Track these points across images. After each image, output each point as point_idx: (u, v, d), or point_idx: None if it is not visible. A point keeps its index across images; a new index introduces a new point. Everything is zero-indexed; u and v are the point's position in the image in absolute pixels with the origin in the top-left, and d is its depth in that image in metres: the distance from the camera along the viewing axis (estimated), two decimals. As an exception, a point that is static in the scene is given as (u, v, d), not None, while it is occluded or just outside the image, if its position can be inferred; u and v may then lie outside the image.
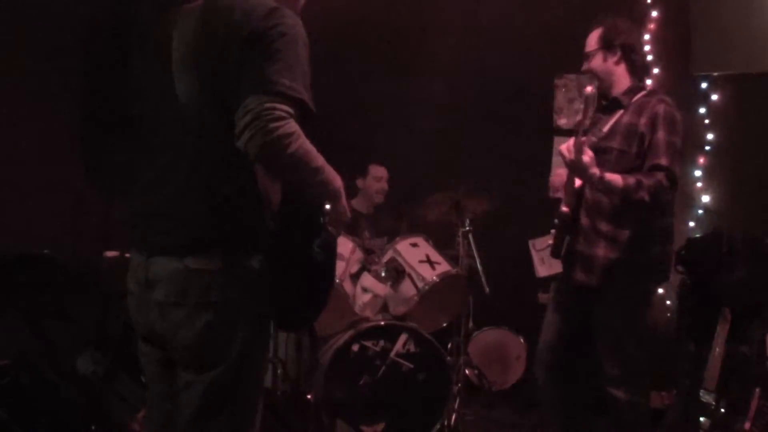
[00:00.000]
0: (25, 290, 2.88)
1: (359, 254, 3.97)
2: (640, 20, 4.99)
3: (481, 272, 4.08)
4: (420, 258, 3.96)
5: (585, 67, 3.07)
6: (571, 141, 2.72)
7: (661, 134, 2.82)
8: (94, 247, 3.49)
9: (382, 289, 3.89)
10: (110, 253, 3.31)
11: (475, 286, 4.13)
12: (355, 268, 3.90)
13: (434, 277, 3.87)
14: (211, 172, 1.83)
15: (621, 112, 2.94)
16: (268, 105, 1.69)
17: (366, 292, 3.89)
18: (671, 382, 3.55)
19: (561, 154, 2.77)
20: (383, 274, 3.89)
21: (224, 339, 1.84)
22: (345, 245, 3.92)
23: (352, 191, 4.72)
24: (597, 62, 3.02)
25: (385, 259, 3.97)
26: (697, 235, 4.56)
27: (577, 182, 2.93)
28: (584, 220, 2.95)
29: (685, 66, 4.80)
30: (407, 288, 3.91)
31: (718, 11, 4.70)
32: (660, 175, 2.76)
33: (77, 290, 3.02)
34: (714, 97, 4.79)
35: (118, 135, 2.11)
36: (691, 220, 4.83)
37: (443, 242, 4.26)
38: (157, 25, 1.90)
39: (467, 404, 4.14)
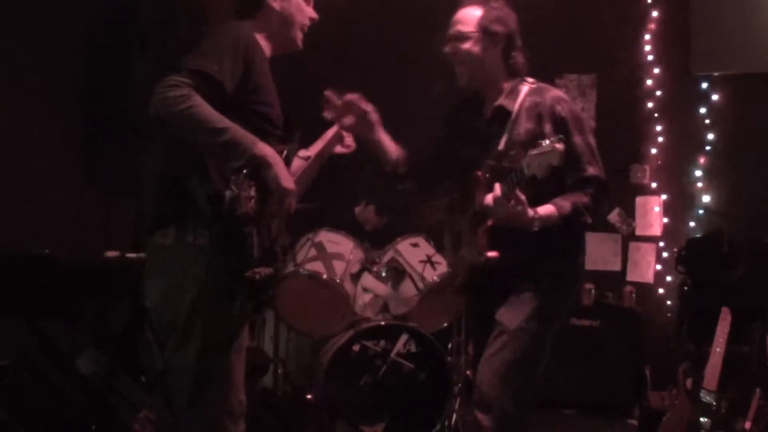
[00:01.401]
0: (25, 290, 2.87)
1: (359, 254, 3.96)
2: (640, 20, 5.02)
3: (481, 272, 4.08)
4: (420, 258, 3.95)
5: (452, 49, 2.58)
6: (498, 189, 2.29)
7: (576, 139, 2.44)
8: (94, 247, 3.49)
9: (383, 289, 3.89)
10: (110, 253, 3.31)
11: (475, 286, 4.12)
12: (355, 268, 3.88)
13: (435, 278, 3.86)
14: (172, 162, 2.15)
15: (511, 121, 2.50)
16: (167, 79, 1.97)
17: (366, 292, 3.89)
18: (671, 382, 3.55)
19: (489, 209, 2.33)
20: (384, 274, 3.88)
21: (176, 298, 2.10)
22: (345, 245, 3.92)
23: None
24: (475, 48, 2.53)
25: (386, 259, 3.97)
26: (697, 235, 4.57)
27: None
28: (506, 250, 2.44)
29: (685, 66, 4.81)
30: (408, 288, 3.90)
31: (718, 11, 4.71)
32: (592, 189, 2.43)
33: (77, 290, 3.01)
34: (714, 97, 4.80)
35: (118, 136, 2.25)
36: (692, 220, 4.83)
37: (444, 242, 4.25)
38: (164, 36, 2.07)
39: (467, 404, 4.13)
